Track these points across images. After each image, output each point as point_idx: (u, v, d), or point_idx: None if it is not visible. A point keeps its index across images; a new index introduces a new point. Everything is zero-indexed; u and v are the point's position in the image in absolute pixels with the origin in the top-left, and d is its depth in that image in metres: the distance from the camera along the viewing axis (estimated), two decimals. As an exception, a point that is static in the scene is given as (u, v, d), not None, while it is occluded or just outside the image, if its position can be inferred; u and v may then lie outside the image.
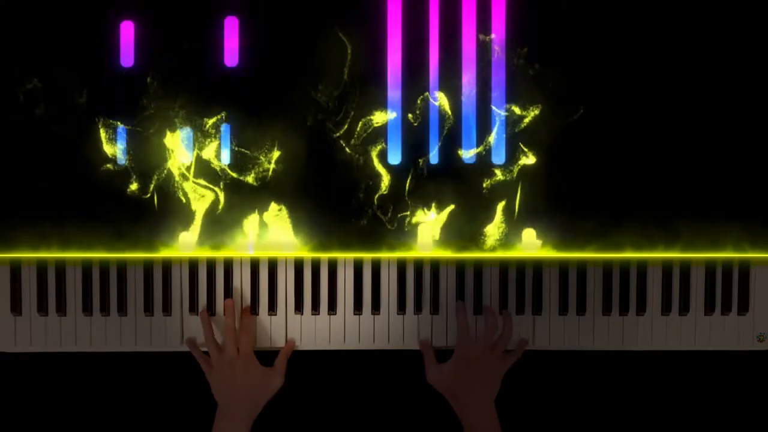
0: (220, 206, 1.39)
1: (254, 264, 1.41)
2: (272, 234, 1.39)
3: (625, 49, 1.39)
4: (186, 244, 1.38)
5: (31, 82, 1.36)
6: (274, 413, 1.50)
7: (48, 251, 1.37)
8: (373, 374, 1.48)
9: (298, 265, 1.41)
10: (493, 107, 1.39)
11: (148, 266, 1.40)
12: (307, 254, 1.40)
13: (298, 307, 1.41)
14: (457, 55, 1.39)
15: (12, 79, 1.36)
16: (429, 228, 1.39)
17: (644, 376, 1.50)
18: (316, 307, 1.42)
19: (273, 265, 1.41)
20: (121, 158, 1.38)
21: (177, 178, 1.38)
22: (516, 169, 1.39)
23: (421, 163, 1.39)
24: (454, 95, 1.39)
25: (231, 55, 1.38)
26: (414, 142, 1.39)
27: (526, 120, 1.39)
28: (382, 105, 1.38)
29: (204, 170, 1.38)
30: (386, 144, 1.39)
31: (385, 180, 1.39)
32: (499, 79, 1.39)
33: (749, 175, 1.40)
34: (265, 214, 1.39)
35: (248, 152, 1.37)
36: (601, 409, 1.51)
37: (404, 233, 1.39)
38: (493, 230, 1.40)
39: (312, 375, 1.49)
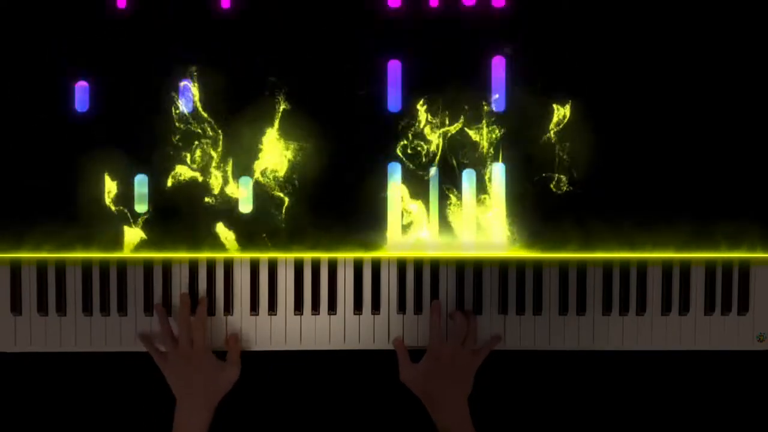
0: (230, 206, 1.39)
1: (254, 264, 1.41)
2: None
3: (624, 46, 1.39)
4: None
5: (32, 81, 1.37)
6: (275, 413, 1.50)
7: (48, 251, 1.37)
8: (373, 374, 1.48)
9: (298, 265, 1.41)
10: (493, 106, 1.40)
11: (148, 266, 1.40)
12: (307, 254, 1.40)
13: (298, 307, 1.41)
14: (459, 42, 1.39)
15: (14, 78, 1.37)
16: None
17: (644, 376, 1.50)
18: (316, 307, 1.42)
19: (273, 265, 1.41)
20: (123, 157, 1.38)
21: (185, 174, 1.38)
22: (514, 167, 1.40)
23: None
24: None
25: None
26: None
27: (526, 118, 1.39)
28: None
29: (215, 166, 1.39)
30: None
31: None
32: (498, 80, 1.39)
33: (749, 175, 1.40)
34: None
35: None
36: (602, 409, 1.51)
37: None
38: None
39: (312, 375, 1.49)
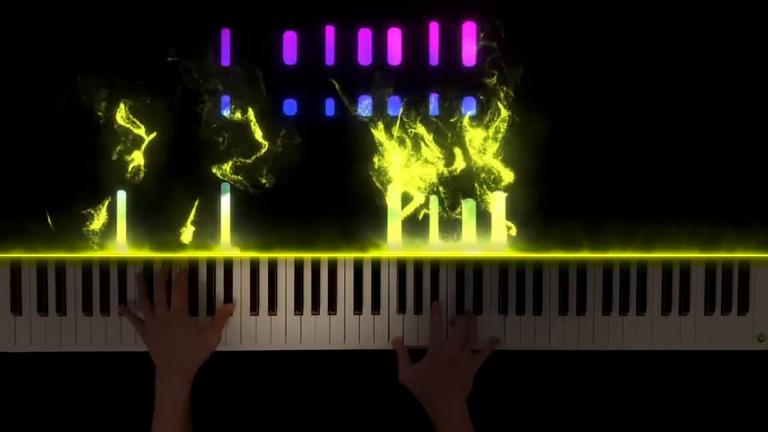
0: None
1: (254, 264, 1.41)
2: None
3: (623, 47, 1.39)
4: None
5: (33, 81, 1.37)
6: (276, 412, 1.50)
7: (48, 251, 1.37)
8: (374, 374, 1.48)
9: (298, 265, 1.41)
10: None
11: (148, 266, 1.40)
12: (307, 254, 1.40)
13: (298, 307, 1.41)
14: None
15: (14, 77, 1.37)
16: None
17: (644, 376, 1.50)
18: (316, 307, 1.42)
19: (273, 265, 1.41)
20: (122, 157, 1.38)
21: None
22: (508, 169, 1.40)
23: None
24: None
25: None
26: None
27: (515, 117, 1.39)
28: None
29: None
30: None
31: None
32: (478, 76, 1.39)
33: (749, 175, 1.40)
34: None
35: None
36: (602, 409, 1.51)
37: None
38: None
39: (312, 375, 1.49)
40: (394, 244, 1.40)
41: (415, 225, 1.39)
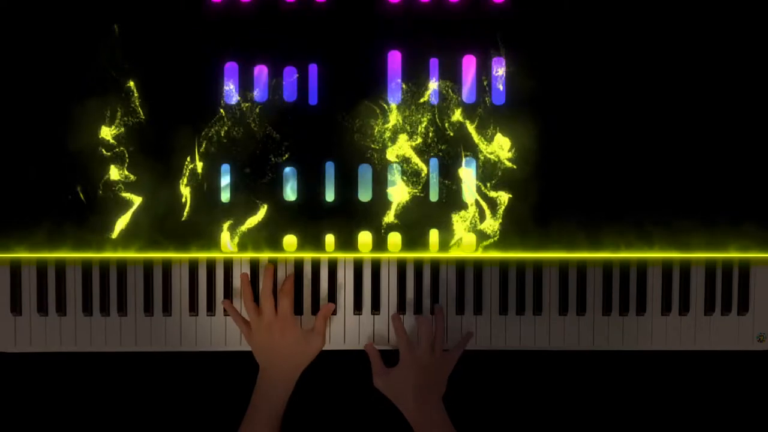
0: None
1: (254, 264, 1.41)
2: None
3: (622, 46, 1.39)
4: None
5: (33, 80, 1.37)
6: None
7: (48, 251, 1.37)
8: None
9: (298, 265, 1.41)
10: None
11: (148, 266, 1.40)
12: (307, 254, 1.40)
13: (298, 308, 1.41)
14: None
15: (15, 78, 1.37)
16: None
17: (644, 376, 1.50)
18: (316, 308, 1.42)
19: (273, 265, 1.41)
20: (123, 155, 1.38)
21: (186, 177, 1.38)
22: (510, 166, 1.40)
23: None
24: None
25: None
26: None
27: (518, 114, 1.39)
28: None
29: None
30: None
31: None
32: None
33: (749, 175, 1.40)
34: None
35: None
36: (602, 409, 1.51)
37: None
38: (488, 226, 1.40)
39: (312, 375, 1.49)
40: (394, 244, 1.40)
41: (416, 224, 1.40)
